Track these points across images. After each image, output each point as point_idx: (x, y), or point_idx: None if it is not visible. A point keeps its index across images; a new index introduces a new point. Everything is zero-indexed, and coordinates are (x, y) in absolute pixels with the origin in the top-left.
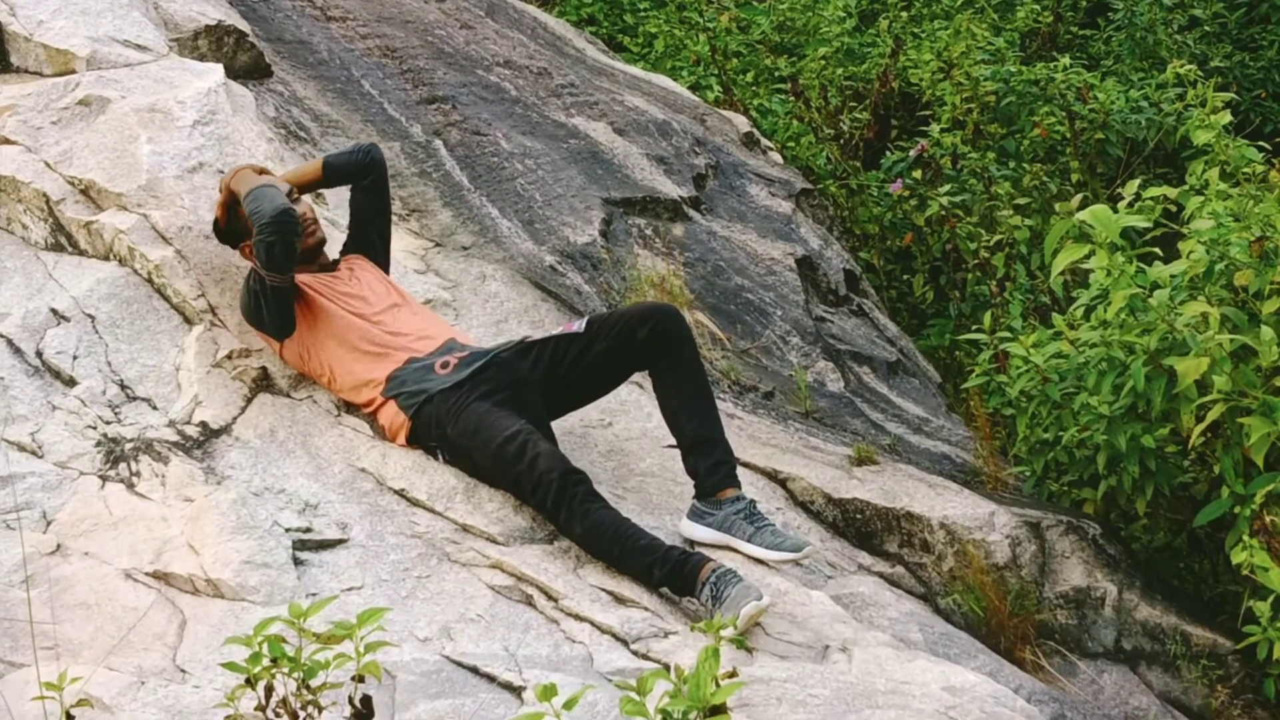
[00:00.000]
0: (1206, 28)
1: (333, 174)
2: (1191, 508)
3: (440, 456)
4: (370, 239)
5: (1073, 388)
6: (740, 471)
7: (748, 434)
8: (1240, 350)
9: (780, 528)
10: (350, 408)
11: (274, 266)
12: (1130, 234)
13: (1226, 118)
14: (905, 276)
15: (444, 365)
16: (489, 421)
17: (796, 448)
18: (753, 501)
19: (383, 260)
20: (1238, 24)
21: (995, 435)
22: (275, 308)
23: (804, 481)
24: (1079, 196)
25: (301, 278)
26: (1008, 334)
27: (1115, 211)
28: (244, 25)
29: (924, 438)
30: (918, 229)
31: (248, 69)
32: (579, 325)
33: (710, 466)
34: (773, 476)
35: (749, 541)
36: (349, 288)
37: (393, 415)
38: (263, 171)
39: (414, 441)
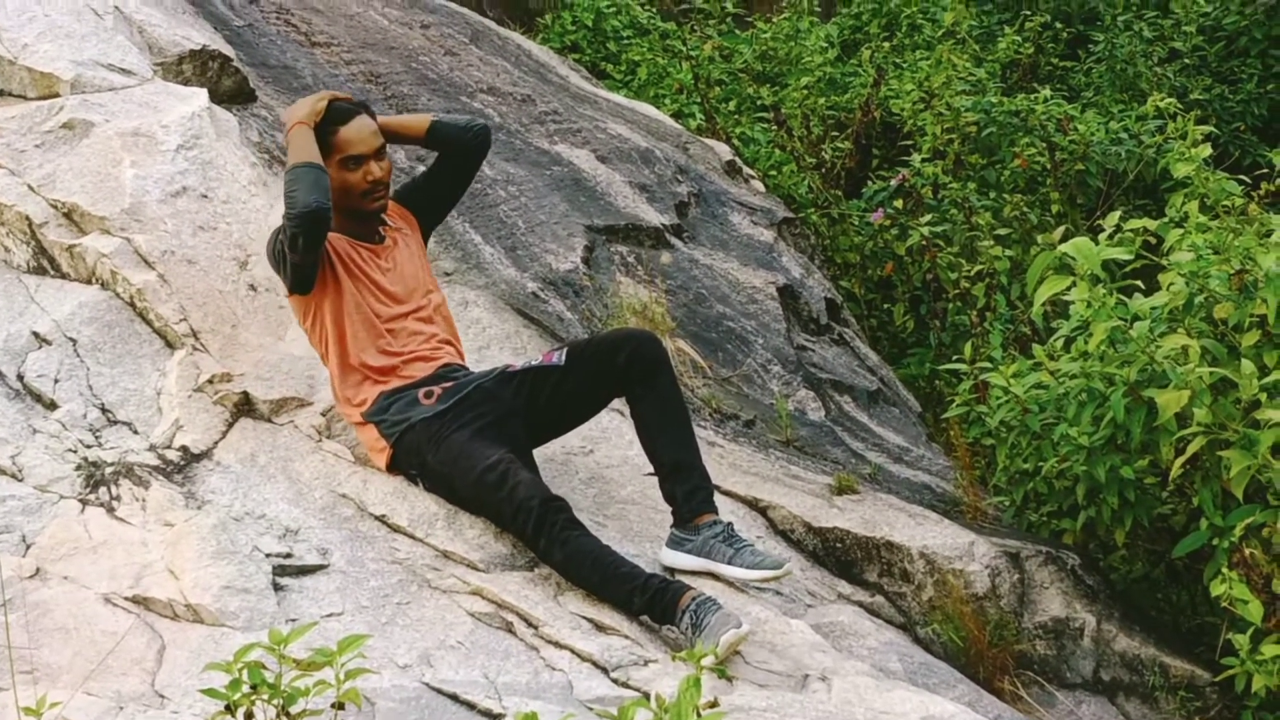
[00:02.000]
0: (1186, 60)
1: (436, 138)
2: (1170, 539)
3: (420, 484)
4: (434, 208)
5: (1052, 418)
6: (720, 500)
7: (728, 462)
8: (1220, 383)
9: (760, 549)
10: (329, 425)
11: (293, 249)
12: (1111, 266)
13: (1206, 151)
14: (886, 306)
15: (428, 395)
16: (470, 450)
17: (777, 476)
18: (730, 524)
19: (430, 230)
20: (1217, 57)
21: (975, 465)
22: (294, 269)
23: (784, 510)
24: (1061, 229)
25: (340, 240)
26: (988, 364)
27: (1096, 243)
28: (228, 50)
29: (904, 467)
30: (898, 258)
31: (232, 94)
32: (559, 357)
33: (687, 492)
34: (753, 505)
35: (729, 564)
36: (380, 272)
37: (373, 440)
38: (336, 99)
39: (394, 468)
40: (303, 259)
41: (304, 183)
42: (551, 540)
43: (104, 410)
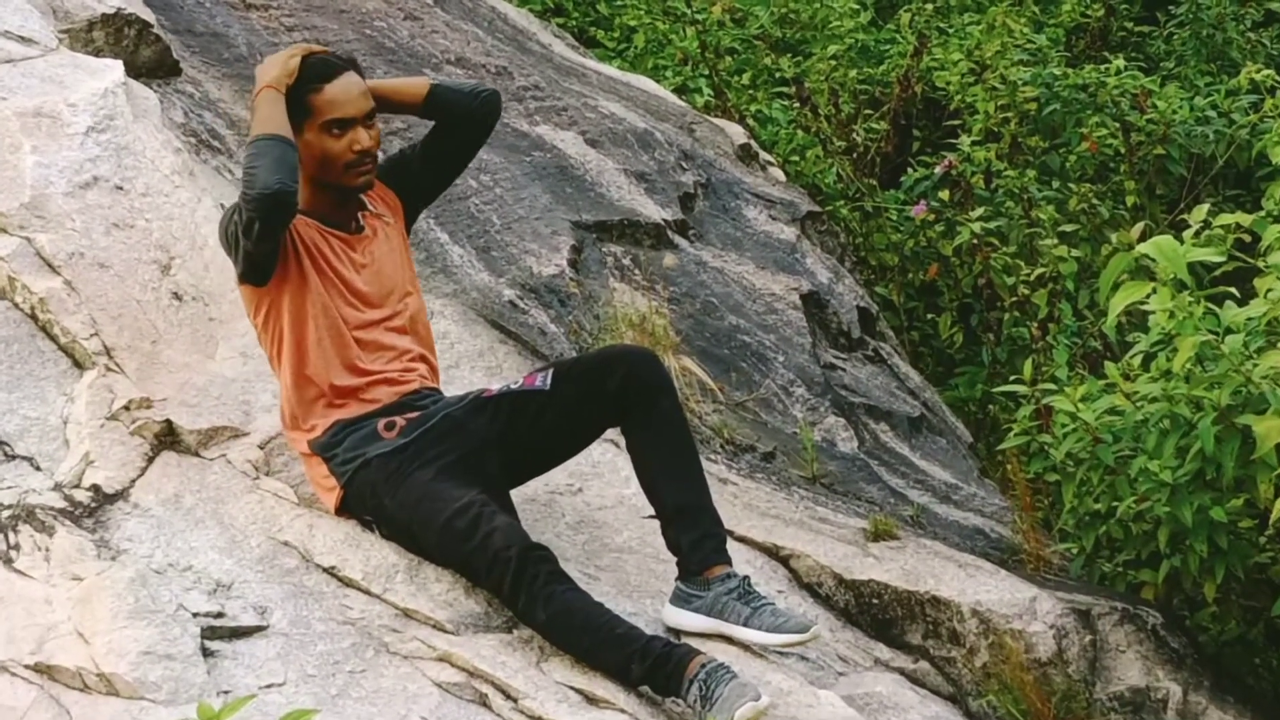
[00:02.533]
0: None
1: (436, 105)
2: (1270, 593)
3: (377, 531)
4: (426, 189)
5: (1129, 450)
6: (734, 547)
7: (743, 503)
8: None
9: (782, 608)
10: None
11: (247, 235)
12: (1197, 269)
13: None
14: (930, 316)
15: (389, 427)
16: (435, 492)
17: (801, 519)
18: (746, 578)
19: (415, 217)
20: None
21: (1037, 505)
22: (246, 256)
23: (810, 560)
24: (1139, 225)
25: (309, 226)
26: (1051, 385)
27: (1180, 242)
28: (148, 14)
29: (952, 508)
30: (944, 260)
31: (152, 66)
32: (543, 380)
33: (695, 540)
34: (773, 554)
35: (745, 625)
36: (353, 269)
37: (321, 477)
38: (314, 54)
39: (345, 511)
40: (257, 247)
41: (267, 158)
42: (533, 596)
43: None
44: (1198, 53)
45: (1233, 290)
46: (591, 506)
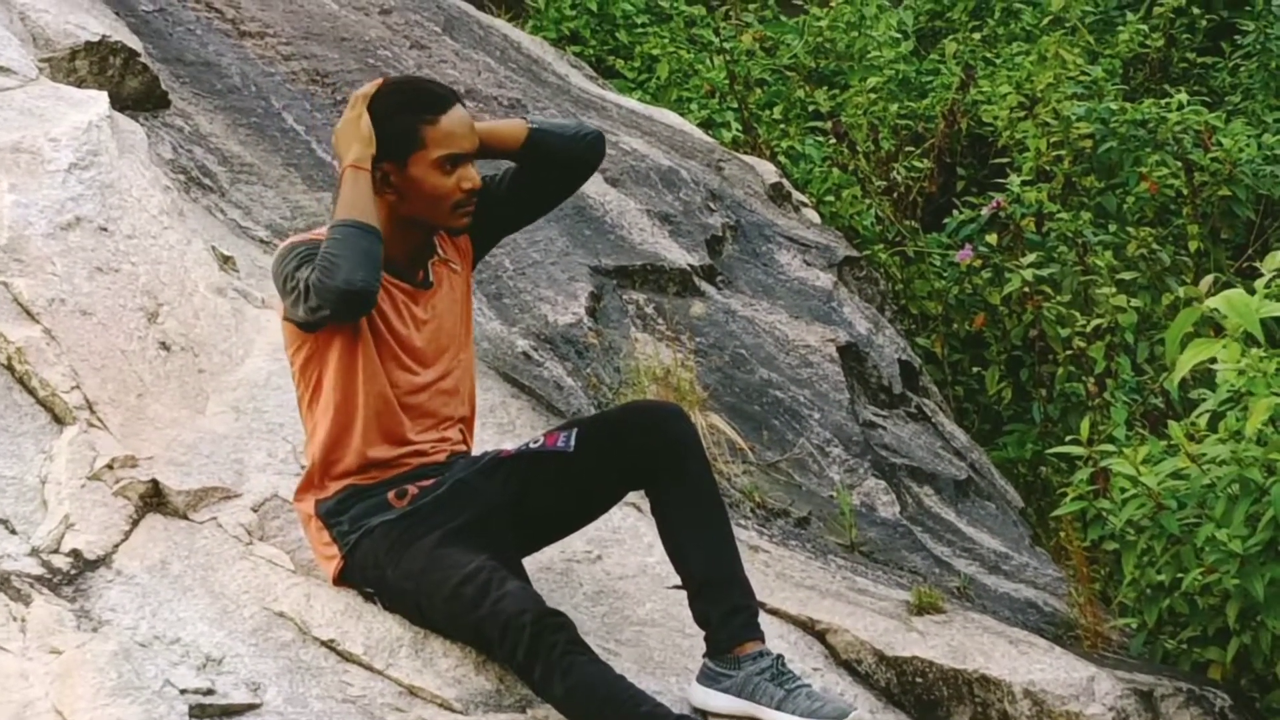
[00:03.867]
0: None
1: (536, 150)
2: None
3: (378, 603)
4: (501, 232)
5: (1195, 517)
6: (766, 621)
7: (775, 572)
8: None
9: (819, 690)
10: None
11: (311, 311)
12: (1269, 324)
13: None
14: (976, 370)
15: (400, 495)
16: (441, 559)
17: (839, 591)
18: (780, 657)
19: (483, 255)
20: None
21: (1094, 577)
22: (303, 318)
23: (849, 635)
24: (1209, 278)
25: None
26: (1109, 446)
27: (1250, 293)
28: (134, 42)
29: (1002, 579)
30: (992, 309)
31: (139, 97)
32: (566, 440)
33: (725, 613)
34: (808, 628)
35: (778, 709)
36: (414, 327)
37: (323, 543)
38: (395, 84)
39: (345, 581)
40: (315, 317)
41: (352, 249)
42: (550, 666)
43: None
44: (1266, 86)
45: None
46: (612, 576)
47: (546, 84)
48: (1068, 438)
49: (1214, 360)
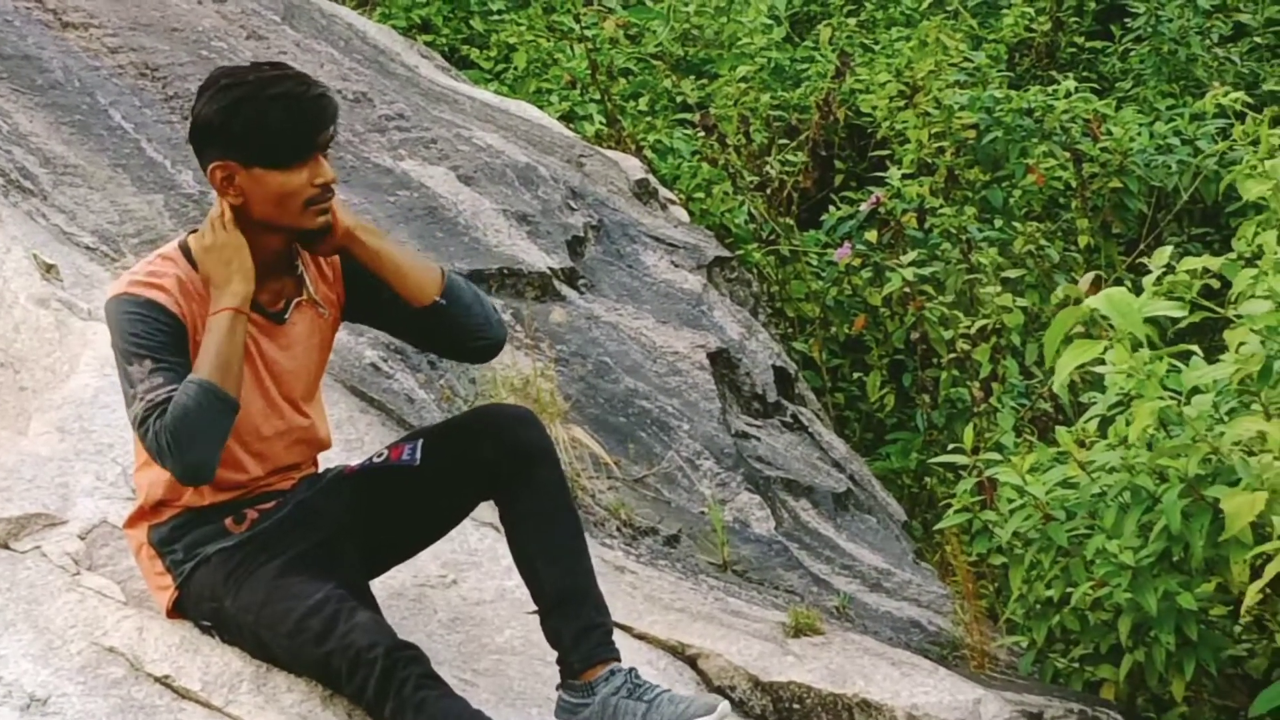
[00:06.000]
0: (1257, 38)
1: (432, 317)
2: (1248, 690)
3: (216, 636)
4: (371, 322)
5: (1085, 528)
6: (633, 646)
7: (643, 594)
8: None
9: (680, 693)
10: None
11: (137, 431)
12: (1162, 320)
13: None
14: (857, 375)
15: (238, 520)
16: (284, 589)
17: (711, 613)
18: (633, 670)
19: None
20: None
21: (981, 593)
22: (135, 426)
23: (721, 659)
24: (1089, 275)
25: None
26: (996, 455)
27: (1138, 289)
28: None
29: (884, 597)
30: (873, 310)
31: None
32: (411, 452)
33: (577, 633)
34: (678, 652)
35: None
36: (266, 367)
37: (155, 574)
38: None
39: (179, 614)
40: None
41: (210, 425)
42: (402, 704)
43: None
44: (1158, 71)
45: (1194, 349)
46: (468, 601)
47: (395, 76)
48: (952, 446)
49: (1102, 361)
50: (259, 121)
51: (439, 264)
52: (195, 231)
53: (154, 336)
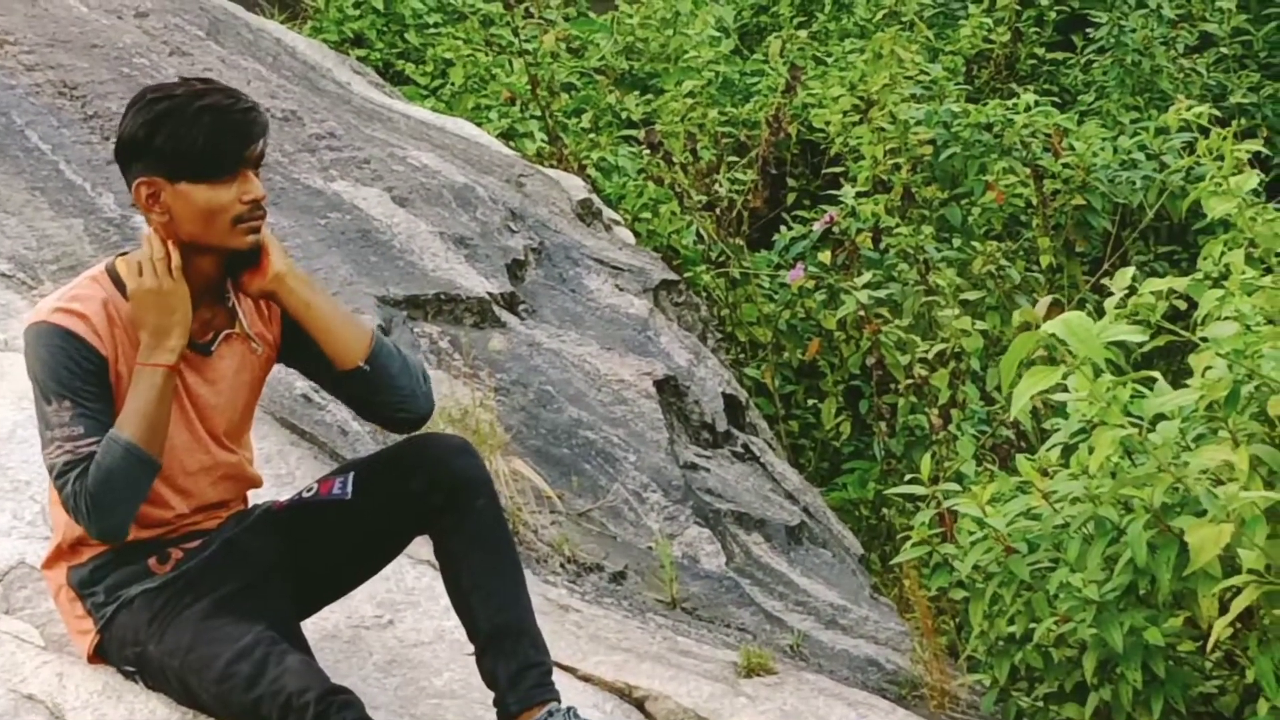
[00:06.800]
0: (1224, 49)
1: (357, 381)
2: None
3: (140, 682)
4: (298, 369)
5: (1048, 561)
6: (577, 688)
7: (588, 633)
8: (1278, 509)
9: None
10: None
11: (56, 483)
12: (1125, 342)
13: (1254, 180)
14: (811, 402)
15: (162, 559)
16: (211, 632)
17: (659, 652)
18: (572, 710)
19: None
20: (1267, 44)
21: (941, 629)
22: (55, 479)
23: (670, 701)
24: (1046, 299)
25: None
26: (954, 485)
27: (1102, 311)
28: None
29: (840, 634)
30: (827, 335)
31: None
32: (342, 486)
33: (514, 673)
34: (625, 695)
35: None
36: (188, 399)
37: (75, 617)
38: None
39: (102, 658)
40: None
41: (132, 490)
42: None
43: None
44: (1122, 84)
45: (1155, 374)
46: (405, 643)
47: (325, 93)
48: (909, 476)
49: (1062, 387)
50: (185, 134)
51: (373, 327)
52: (124, 255)
53: (74, 374)
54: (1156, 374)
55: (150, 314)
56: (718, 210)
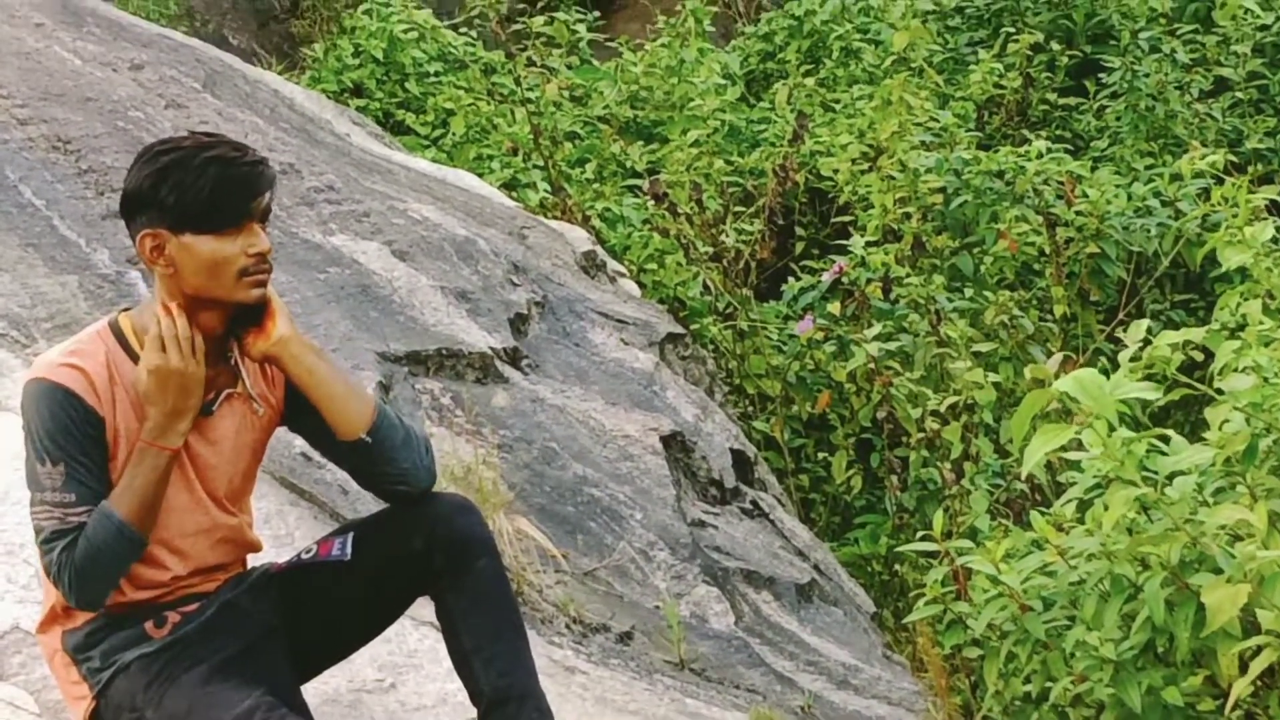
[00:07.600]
0: (1239, 94)
1: (366, 445)
2: None
3: None
4: (299, 434)
5: (1064, 619)
6: None
7: (594, 696)
8: None
9: None
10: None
11: (41, 552)
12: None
13: (1269, 230)
14: (821, 456)
15: (159, 623)
16: (210, 698)
17: (667, 715)
18: None
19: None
20: None
21: (956, 688)
22: (41, 549)
23: None
24: (1058, 356)
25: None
26: (967, 542)
27: (1113, 362)
28: None
29: (852, 694)
30: (838, 387)
31: None
32: (342, 547)
33: None
34: None
35: None
36: (188, 461)
37: (71, 683)
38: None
39: None
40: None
41: (114, 563)
42: None
43: None
44: (1135, 129)
45: (1169, 432)
46: (407, 707)
47: (324, 145)
48: (922, 532)
49: (1077, 444)
50: (190, 185)
51: (376, 398)
52: (127, 310)
53: (71, 437)
54: (1171, 432)
55: (169, 395)
56: (724, 261)
